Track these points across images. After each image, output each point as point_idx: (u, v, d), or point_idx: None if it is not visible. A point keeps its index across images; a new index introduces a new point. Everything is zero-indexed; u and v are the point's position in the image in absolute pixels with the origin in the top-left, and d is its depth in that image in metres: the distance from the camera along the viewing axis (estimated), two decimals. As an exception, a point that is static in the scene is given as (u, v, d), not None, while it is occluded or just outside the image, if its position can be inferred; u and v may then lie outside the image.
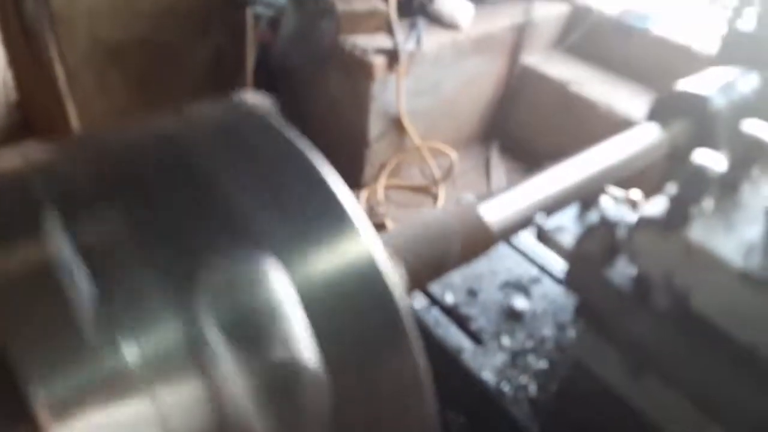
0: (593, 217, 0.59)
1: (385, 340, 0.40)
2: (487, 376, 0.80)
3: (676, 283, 0.47)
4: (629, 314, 0.51)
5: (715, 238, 0.45)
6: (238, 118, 0.45)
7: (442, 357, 0.85)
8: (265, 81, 2.74)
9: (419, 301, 0.89)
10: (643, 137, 0.72)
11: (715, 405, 0.47)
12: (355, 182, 2.84)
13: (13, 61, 2.74)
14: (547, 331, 0.85)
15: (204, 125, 0.45)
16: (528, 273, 0.93)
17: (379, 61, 2.54)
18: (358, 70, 2.56)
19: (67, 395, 0.28)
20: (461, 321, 0.87)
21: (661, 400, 0.52)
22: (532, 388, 0.79)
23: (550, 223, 0.58)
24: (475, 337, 0.85)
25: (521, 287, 0.90)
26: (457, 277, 0.93)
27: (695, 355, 0.47)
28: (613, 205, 0.53)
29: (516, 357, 0.82)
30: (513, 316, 0.88)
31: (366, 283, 0.38)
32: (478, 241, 0.54)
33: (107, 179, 0.36)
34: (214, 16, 2.72)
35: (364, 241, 0.38)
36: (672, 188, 0.48)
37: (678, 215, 0.46)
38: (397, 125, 2.75)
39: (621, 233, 0.51)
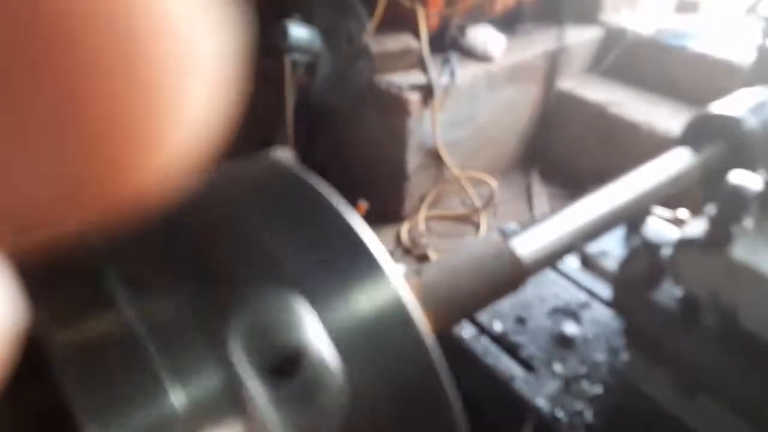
0: (637, 240, 0.60)
1: (418, 383, 0.40)
2: (541, 402, 0.81)
3: (723, 302, 0.48)
4: (678, 335, 0.52)
5: (757, 256, 0.46)
6: (271, 175, 0.47)
7: (493, 385, 0.85)
8: (304, 124, 2.84)
9: (468, 331, 0.91)
10: (675, 162, 0.72)
11: (766, 421, 0.48)
12: (396, 215, 2.88)
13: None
14: (600, 356, 0.85)
15: (239, 186, 0.46)
16: (576, 298, 0.93)
17: (414, 98, 2.60)
18: (395, 107, 2.63)
19: None
20: (511, 349, 0.88)
21: (715, 420, 0.52)
22: (588, 414, 0.79)
23: (593, 248, 0.60)
24: (526, 365, 0.86)
25: (570, 313, 0.91)
26: (506, 304, 0.94)
27: (746, 373, 0.48)
28: (656, 226, 0.54)
29: (569, 383, 0.82)
30: (563, 342, 0.88)
31: (397, 327, 0.39)
32: (510, 277, 0.55)
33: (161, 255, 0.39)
34: (250, 66, 2.85)
35: (394, 288, 0.38)
36: (712, 209, 0.49)
37: (719, 235, 0.47)
38: (435, 157, 2.79)
39: (664, 255, 0.53)
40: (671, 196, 0.69)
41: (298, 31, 2.52)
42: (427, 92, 2.61)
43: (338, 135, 2.97)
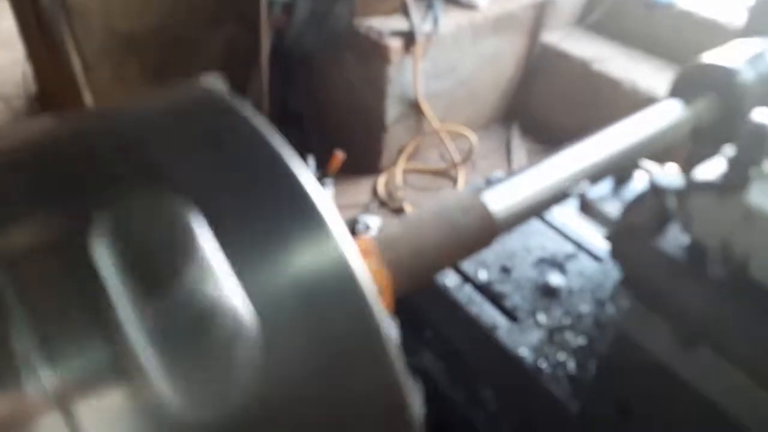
0: (636, 187, 0.57)
1: (355, 346, 0.36)
2: (524, 352, 0.79)
3: (734, 250, 0.46)
4: (682, 284, 0.49)
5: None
6: (195, 101, 0.41)
7: (476, 334, 0.84)
8: (280, 67, 2.73)
9: (451, 279, 0.88)
10: (665, 114, 0.68)
11: None
12: (373, 167, 2.83)
13: (32, 55, 2.76)
14: (585, 307, 0.84)
15: (156, 110, 0.40)
16: (563, 249, 0.91)
17: (395, 44, 2.51)
18: (374, 53, 2.54)
19: None
20: (495, 298, 0.86)
21: (714, 373, 0.51)
22: (571, 365, 0.78)
23: (592, 192, 0.57)
24: (510, 315, 0.84)
25: (556, 264, 0.89)
26: (490, 254, 0.91)
27: (753, 326, 0.46)
28: (663, 172, 0.51)
29: (553, 334, 0.81)
30: (548, 293, 0.86)
31: (336, 287, 0.35)
32: (481, 234, 0.52)
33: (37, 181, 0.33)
34: (227, 4, 2.71)
35: (335, 239, 0.35)
36: (729, 150, 0.46)
37: (737, 178, 0.44)
38: (414, 108, 2.73)
39: (672, 201, 0.50)
40: (659, 149, 0.65)
41: (276, -32, 2.40)
42: (408, 39, 2.53)
43: (315, 81, 2.87)
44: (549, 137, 2.98)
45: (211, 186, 0.34)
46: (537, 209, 0.60)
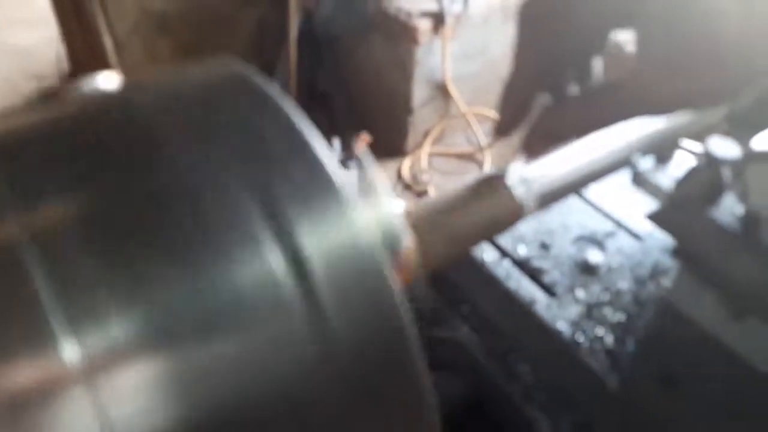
0: (681, 163, 0.57)
1: (376, 333, 0.35)
2: (562, 326, 0.80)
3: None
4: (735, 254, 0.50)
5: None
6: (218, 80, 0.41)
7: (513, 309, 0.85)
8: (309, 48, 2.74)
9: (489, 254, 0.89)
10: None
11: None
12: (398, 150, 2.83)
13: (66, 35, 2.80)
14: (624, 284, 0.84)
15: (178, 89, 0.40)
16: (602, 227, 0.91)
17: (424, 25, 2.50)
18: (403, 34, 2.53)
19: None
20: (534, 274, 0.87)
21: (764, 344, 0.51)
22: (609, 340, 0.79)
23: (645, 163, 0.57)
24: (549, 290, 0.85)
25: (595, 241, 0.89)
26: (529, 230, 0.92)
27: None
28: (719, 142, 0.52)
29: (591, 309, 0.82)
30: (587, 269, 0.87)
31: (354, 268, 0.34)
32: (507, 215, 0.53)
33: (61, 157, 0.33)
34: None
35: (354, 219, 0.35)
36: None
37: None
38: (442, 91, 2.72)
39: (727, 171, 0.50)
40: (696, 131, 0.65)
41: (306, -53, 2.39)
42: (437, 20, 2.51)
43: (343, 63, 2.87)
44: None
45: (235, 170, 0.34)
46: (565, 191, 0.60)
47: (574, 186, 0.56)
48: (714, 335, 0.54)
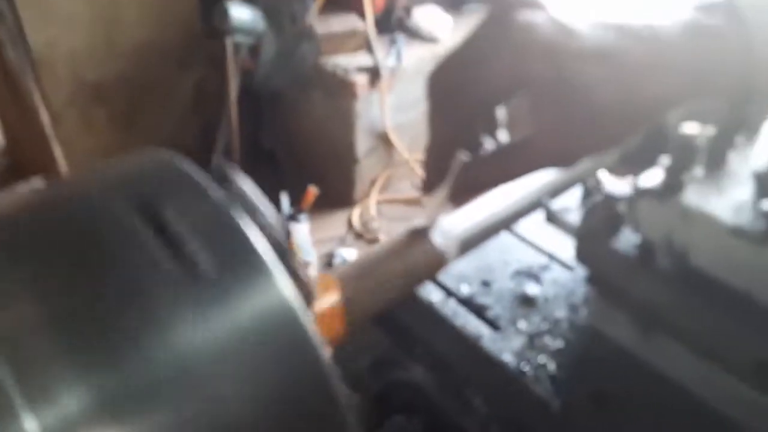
0: (596, 196, 0.66)
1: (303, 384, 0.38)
2: (508, 358, 0.87)
3: (676, 244, 0.55)
4: (636, 278, 0.58)
5: (707, 201, 0.53)
6: (150, 170, 0.43)
7: (463, 345, 0.91)
8: (250, 107, 2.82)
9: (436, 295, 0.96)
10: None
11: (718, 351, 0.55)
12: (346, 199, 2.91)
13: (1, 109, 2.80)
14: (560, 313, 0.92)
15: (114, 180, 0.43)
16: (537, 261, 1.00)
17: (361, 80, 2.63)
18: (341, 89, 2.66)
19: None
20: (478, 310, 0.94)
21: (674, 358, 0.59)
22: (551, 367, 0.86)
23: (555, 204, 0.66)
24: (493, 324, 0.92)
25: (532, 275, 0.98)
26: (470, 268, 1.00)
27: (699, 310, 0.55)
28: (613, 182, 0.61)
29: (533, 339, 0.89)
30: (526, 302, 0.95)
31: (281, 328, 0.38)
32: (428, 266, 0.59)
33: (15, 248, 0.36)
34: (193, 49, 2.81)
35: (278, 285, 0.38)
36: (665, 160, 0.56)
37: (673, 183, 0.54)
38: (384, 140, 2.84)
39: (622, 206, 0.59)
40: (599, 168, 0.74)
41: (240, 12, 2.50)
42: (374, 74, 2.65)
43: (285, 119, 2.96)
44: (516, 160, 3.11)
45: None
46: (484, 236, 0.68)
47: (492, 230, 0.64)
48: (630, 351, 0.63)
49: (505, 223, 0.65)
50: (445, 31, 2.80)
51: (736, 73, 0.49)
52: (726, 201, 0.55)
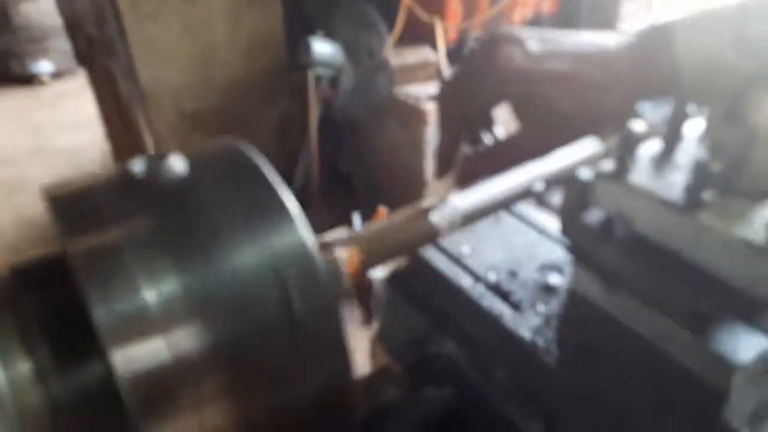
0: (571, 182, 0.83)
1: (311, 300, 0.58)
2: (525, 333, 1.04)
3: (625, 216, 0.72)
4: (600, 246, 0.75)
5: (649, 181, 0.70)
6: (222, 152, 0.66)
7: (487, 323, 1.09)
8: (329, 135, 3.12)
9: (467, 280, 1.15)
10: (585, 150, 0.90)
11: (663, 303, 0.71)
12: (417, 222, 3.12)
13: (110, 134, 3.26)
14: (578, 299, 1.09)
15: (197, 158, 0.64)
16: (562, 257, 1.17)
17: (431, 107, 2.87)
18: (413, 117, 2.90)
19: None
20: (503, 295, 1.12)
21: (630, 308, 0.75)
22: (564, 343, 1.02)
23: (544, 188, 0.84)
24: (515, 306, 1.09)
25: (556, 267, 1.14)
26: (500, 260, 1.18)
27: (645, 268, 0.71)
28: (586, 170, 0.79)
29: (549, 319, 1.05)
30: (548, 290, 1.11)
31: (299, 262, 0.58)
32: (425, 237, 0.79)
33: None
34: (279, 83, 3.16)
35: (297, 225, 0.58)
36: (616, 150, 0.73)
37: (621, 168, 0.71)
38: (454, 165, 3.04)
39: (590, 188, 0.76)
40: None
41: (322, 47, 2.83)
42: (444, 102, 2.87)
43: (361, 145, 3.24)
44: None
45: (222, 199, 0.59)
46: (476, 216, 0.87)
47: (484, 211, 0.83)
48: (601, 308, 0.79)
49: (498, 205, 0.84)
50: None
51: (668, 81, 0.68)
52: (665, 181, 0.72)
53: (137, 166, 0.63)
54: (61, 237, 0.55)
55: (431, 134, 2.89)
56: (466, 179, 0.78)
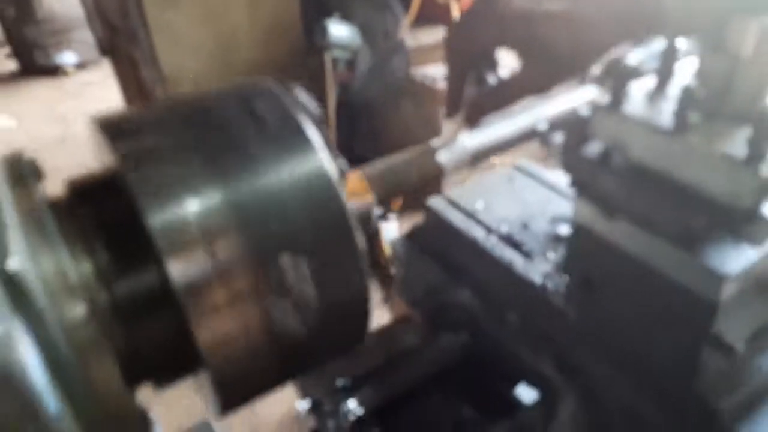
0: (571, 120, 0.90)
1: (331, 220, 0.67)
2: (536, 278, 1.11)
3: (620, 142, 0.78)
4: (599, 176, 0.82)
5: (641, 110, 0.77)
6: (252, 86, 0.74)
7: (500, 271, 1.16)
8: (346, 117, 3.20)
9: (480, 232, 1.22)
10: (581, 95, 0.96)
11: (656, 222, 0.77)
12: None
13: (130, 105, 3.37)
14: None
15: (231, 92, 0.73)
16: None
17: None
18: (428, 97, 2.97)
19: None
20: (515, 245, 1.19)
21: (628, 232, 0.82)
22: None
23: (547, 128, 0.90)
24: (526, 255, 1.17)
25: (566, 220, 1.21)
26: (513, 214, 1.25)
27: (639, 190, 0.78)
28: (585, 107, 0.85)
29: (558, 266, 1.13)
30: (557, 239, 1.18)
31: (318, 186, 0.65)
32: (431, 173, 0.86)
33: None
34: (296, 66, 3.24)
35: (320, 159, 0.66)
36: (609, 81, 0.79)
37: (616, 99, 0.77)
38: (470, 144, 3.10)
39: (589, 123, 0.83)
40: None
41: (338, 29, 2.90)
42: (460, 81, 2.94)
43: (377, 126, 3.31)
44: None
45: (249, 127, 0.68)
46: (481, 156, 0.94)
47: (491, 150, 0.90)
48: (601, 236, 0.85)
49: (502, 145, 0.91)
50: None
51: (655, 16, 0.74)
52: (655, 110, 0.78)
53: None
54: (113, 156, 0.63)
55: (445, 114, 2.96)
56: (473, 117, 0.85)
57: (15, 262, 0.47)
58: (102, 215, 0.64)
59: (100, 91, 5.03)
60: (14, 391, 0.44)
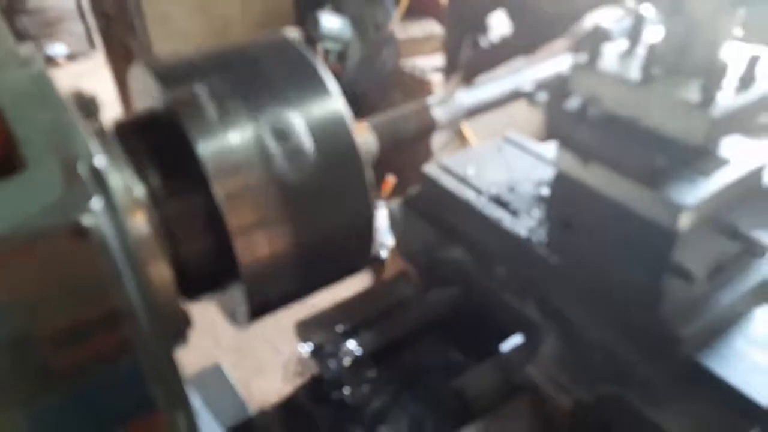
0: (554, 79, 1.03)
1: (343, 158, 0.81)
2: (522, 232, 1.25)
3: (594, 95, 0.92)
4: (577, 127, 0.96)
5: (614, 67, 0.91)
6: (275, 40, 0.89)
7: (489, 228, 1.30)
8: (337, 107, 3.31)
9: (471, 194, 1.36)
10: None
11: (627, 166, 0.91)
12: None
13: (128, 110, 3.46)
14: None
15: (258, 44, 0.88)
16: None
17: (436, 78, 3.07)
18: (419, 88, 3.10)
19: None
20: (503, 204, 1.32)
21: (602, 175, 0.95)
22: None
23: (533, 89, 1.04)
24: (513, 213, 1.30)
25: (549, 183, 1.35)
26: (501, 178, 1.39)
27: (611, 137, 0.91)
28: (567, 66, 0.99)
29: (542, 221, 1.26)
30: (541, 199, 1.32)
31: (334, 125, 0.80)
32: (426, 127, 0.99)
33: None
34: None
35: (329, 87, 0.81)
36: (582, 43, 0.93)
37: (592, 58, 0.91)
38: (458, 134, 3.24)
39: (569, 80, 0.97)
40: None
41: (330, 21, 3.03)
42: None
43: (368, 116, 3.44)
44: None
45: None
46: (473, 112, 1.07)
47: (483, 107, 1.04)
48: (579, 180, 0.99)
49: (492, 104, 1.05)
50: (515, 33, 3.20)
51: None
52: (624, 66, 0.92)
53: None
54: (165, 98, 0.76)
55: (436, 104, 3.09)
56: (470, 75, 0.98)
57: (100, 160, 0.58)
58: (151, 147, 0.76)
59: (92, 81, 5.11)
60: (109, 254, 0.56)
